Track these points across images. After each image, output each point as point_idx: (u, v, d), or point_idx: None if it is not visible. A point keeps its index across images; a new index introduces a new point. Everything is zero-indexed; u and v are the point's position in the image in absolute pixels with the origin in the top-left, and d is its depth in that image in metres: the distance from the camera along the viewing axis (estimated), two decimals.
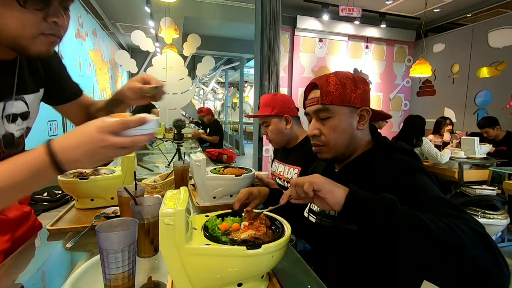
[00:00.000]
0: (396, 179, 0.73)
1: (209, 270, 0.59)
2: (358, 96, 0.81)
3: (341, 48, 4.79)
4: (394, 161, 0.78)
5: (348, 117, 0.82)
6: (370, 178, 0.77)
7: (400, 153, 0.80)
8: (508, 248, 2.73)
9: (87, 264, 0.70)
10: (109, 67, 5.65)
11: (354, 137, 0.84)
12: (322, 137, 0.84)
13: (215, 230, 0.67)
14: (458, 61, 4.52)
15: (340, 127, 0.82)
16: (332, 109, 0.81)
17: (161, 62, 4.15)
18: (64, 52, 3.11)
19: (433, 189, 0.70)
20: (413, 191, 0.69)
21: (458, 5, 4.33)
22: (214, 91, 13.40)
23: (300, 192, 0.67)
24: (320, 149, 0.87)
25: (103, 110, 0.95)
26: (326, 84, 0.81)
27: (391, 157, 0.79)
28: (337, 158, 0.87)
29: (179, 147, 2.17)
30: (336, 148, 0.84)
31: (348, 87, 0.81)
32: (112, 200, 1.16)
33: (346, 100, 0.80)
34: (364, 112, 0.83)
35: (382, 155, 0.81)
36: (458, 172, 3.11)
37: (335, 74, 0.83)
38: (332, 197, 0.63)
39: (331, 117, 0.82)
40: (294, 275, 0.75)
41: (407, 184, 0.71)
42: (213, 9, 4.58)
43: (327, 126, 0.83)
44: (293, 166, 1.41)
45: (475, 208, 2.52)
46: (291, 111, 1.45)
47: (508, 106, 3.83)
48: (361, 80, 0.84)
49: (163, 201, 0.59)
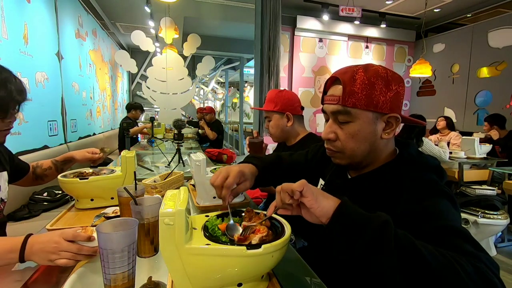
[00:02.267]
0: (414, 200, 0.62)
1: (209, 270, 0.59)
2: (388, 100, 0.67)
3: (341, 48, 4.80)
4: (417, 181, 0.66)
5: (372, 124, 0.68)
6: (386, 193, 0.68)
7: (425, 170, 0.68)
8: (508, 248, 2.73)
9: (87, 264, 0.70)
10: (109, 67, 5.64)
11: (376, 146, 0.71)
12: (338, 143, 0.72)
13: (215, 230, 0.67)
14: (458, 61, 4.52)
15: (360, 134, 0.69)
16: (354, 113, 0.68)
17: (161, 62, 4.15)
18: (64, 52, 3.11)
19: (452, 218, 0.58)
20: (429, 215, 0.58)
21: (458, 5, 4.33)
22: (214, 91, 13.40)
23: (284, 197, 0.60)
24: (334, 154, 0.75)
25: (52, 168, 1.26)
26: (351, 82, 0.67)
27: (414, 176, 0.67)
28: (353, 166, 0.76)
29: (179, 147, 2.17)
30: (353, 158, 0.72)
31: (377, 88, 0.66)
32: (112, 200, 1.16)
33: (373, 104, 0.66)
34: (392, 120, 0.69)
35: (404, 171, 0.69)
36: (458, 172, 3.11)
37: (365, 70, 0.68)
38: (319, 207, 0.56)
39: (352, 122, 0.69)
40: (294, 275, 0.75)
41: (425, 208, 0.60)
42: (213, 9, 4.58)
43: (345, 131, 0.70)
44: None
45: (475, 208, 2.52)
46: (294, 110, 1.45)
47: (508, 106, 3.83)
48: (396, 80, 0.69)
49: (163, 201, 0.59)
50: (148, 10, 4.06)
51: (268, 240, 0.61)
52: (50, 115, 2.77)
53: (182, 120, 2.27)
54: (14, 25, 2.16)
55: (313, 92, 4.72)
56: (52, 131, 2.78)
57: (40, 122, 2.54)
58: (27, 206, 2.00)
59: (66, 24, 3.31)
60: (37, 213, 1.97)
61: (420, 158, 0.72)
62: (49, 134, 2.69)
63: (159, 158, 2.55)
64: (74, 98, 3.51)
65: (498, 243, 2.75)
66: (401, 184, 0.67)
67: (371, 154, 0.72)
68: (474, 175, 3.22)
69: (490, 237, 2.53)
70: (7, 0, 2.08)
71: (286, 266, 0.76)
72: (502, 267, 2.41)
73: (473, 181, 3.14)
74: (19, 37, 2.25)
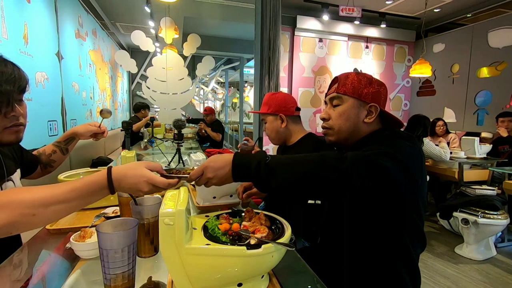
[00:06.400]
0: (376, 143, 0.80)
1: (209, 270, 0.59)
2: (370, 93, 0.88)
3: (341, 48, 4.79)
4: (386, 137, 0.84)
5: (356, 108, 0.89)
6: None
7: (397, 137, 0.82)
8: (508, 248, 2.73)
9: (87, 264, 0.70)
10: (109, 67, 5.64)
11: (359, 127, 0.90)
12: (330, 121, 0.93)
13: (215, 230, 0.67)
14: (458, 61, 4.52)
15: (345, 114, 0.89)
16: (344, 98, 0.90)
17: (161, 62, 4.15)
18: (64, 52, 3.11)
19: (393, 147, 0.74)
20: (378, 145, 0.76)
21: (458, 5, 4.33)
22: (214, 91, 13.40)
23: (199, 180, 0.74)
24: (327, 132, 0.95)
25: (56, 152, 1.20)
26: (345, 79, 0.91)
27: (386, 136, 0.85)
28: (342, 143, 0.94)
29: (179, 147, 2.17)
30: (339, 133, 0.91)
31: (362, 83, 0.89)
32: (112, 200, 1.16)
33: (357, 93, 0.88)
34: (373, 108, 0.89)
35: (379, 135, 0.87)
36: (458, 172, 3.11)
37: (356, 74, 0.91)
38: (220, 180, 0.72)
39: (341, 104, 0.90)
40: (294, 275, 0.75)
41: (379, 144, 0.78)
42: (213, 9, 4.58)
43: (336, 111, 0.91)
44: None
45: (475, 208, 2.52)
46: (287, 111, 1.46)
47: (508, 106, 3.83)
48: (378, 83, 0.91)
49: (163, 201, 0.59)
50: (148, 10, 4.06)
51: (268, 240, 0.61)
52: (50, 115, 2.77)
53: (182, 120, 2.27)
54: (14, 25, 2.16)
55: (313, 92, 4.72)
56: (52, 131, 2.78)
57: (40, 122, 2.54)
58: None
59: (66, 24, 3.31)
60: None
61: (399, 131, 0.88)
62: (49, 134, 2.69)
63: (159, 158, 2.55)
64: (74, 98, 3.51)
65: (498, 243, 2.75)
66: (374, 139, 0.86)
67: (355, 132, 0.90)
68: (474, 175, 3.22)
69: (490, 237, 2.54)
70: (7, 0, 2.08)
71: (286, 266, 0.76)
72: (502, 267, 2.41)
73: (473, 181, 3.13)
74: (19, 37, 2.25)
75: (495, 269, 2.38)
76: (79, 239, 0.77)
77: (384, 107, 0.91)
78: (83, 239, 0.77)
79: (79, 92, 3.68)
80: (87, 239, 0.77)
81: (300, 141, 1.47)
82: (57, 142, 1.22)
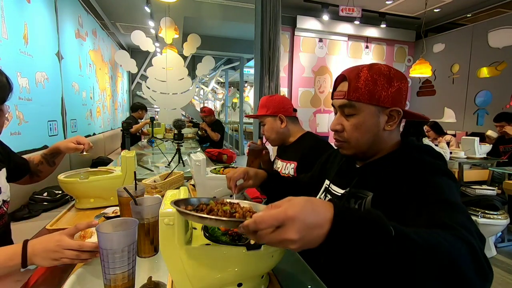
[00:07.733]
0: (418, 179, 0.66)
1: (209, 270, 0.59)
2: (390, 95, 0.73)
3: (341, 48, 4.79)
4: (419, 162, 0.71)
5: (375, 117, 0.74)
6: (392, 176, 0.72)
7: (427, 155, 0.73)
8: (508, 248, 2.73)
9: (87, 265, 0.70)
10: (109, 67, 5.64)
11: (380, 137, 0.77)
12: (344, 134, 0.79)
13: (215, 230, 0.67)
14: (458, 61, 4.52)
15: (364, 126, 0.75)
16: (358, 106, 0.74)
17: (161, 62, 4.15)
18: (64, 52, 3.11)
19: (452, 193, 0.62)
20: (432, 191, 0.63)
21: (458, 5, 4.33)
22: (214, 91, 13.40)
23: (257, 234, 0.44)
24: (342, 145, 0.82)
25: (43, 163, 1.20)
26: (355, 79, 0.74)
27: (417, 158, 0.72)
28: (359, 156, 0.82)
29: (179, 147, 2.17)
30: (357, 147, 0.78)
31: (379, 84, 0.73)
32: (112, 200, 1.16)
33: (375, 98, 0.73)
34: (394, 113, 0.75)
35: (407, 156, 0.74)
36: (458, 172, 3.11)
37: (369, 68, 0.75)
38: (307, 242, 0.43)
39: (356, 114, 0.75)
40: (294, 275, 0.75)
41: (428, 184, 0.64)
42: (213, 9, 4.58)
43: (350, 122, 0.77)
44: (290, 162, 1.45)
45: (475, 208, 2.52)
46: (285, 111, 1.49)
47: (508, 106, 3.83)
48: (398, 77, 0.74)
49: (163, 201, 0.59)
50: (148, 10, 4.06)
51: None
52: (50, 115, 2.77)
53: (182, 120, 2.27)
54: (14, 25, 2.16)
55: (313, 92, 4.72)
56: (52, 131, 2.78)
57: (40, 122, 2.54)
58: (27, 206, 2.00)
59: (66, 24, 3.31)
60: (37, 213, 1.97)
61: (423, 146, 0.78)
62: (49, 134, 2.69)
63: (159, 158, 2.55)
64: (74, 98, 3.51)
65: (498, 243, 2.75)
66: (405, 166, 0.71)
67: (375, 144, 0.77)
68: (474, 175, 3.22)
69: (490, 237, 2.54)
70: (7, 0, 2.08)
71: (286, 266, 0.76)
72: (502, 267, 2.41)
73: (473, 181, 3.13)
74: (19, 37, 2.25)
75: (495, 269, 2.38)
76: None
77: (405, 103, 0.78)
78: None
79: (79, 92, 3.68)
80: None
81: (299, 139, 1.49)
82: (44, 154, 1.22)
